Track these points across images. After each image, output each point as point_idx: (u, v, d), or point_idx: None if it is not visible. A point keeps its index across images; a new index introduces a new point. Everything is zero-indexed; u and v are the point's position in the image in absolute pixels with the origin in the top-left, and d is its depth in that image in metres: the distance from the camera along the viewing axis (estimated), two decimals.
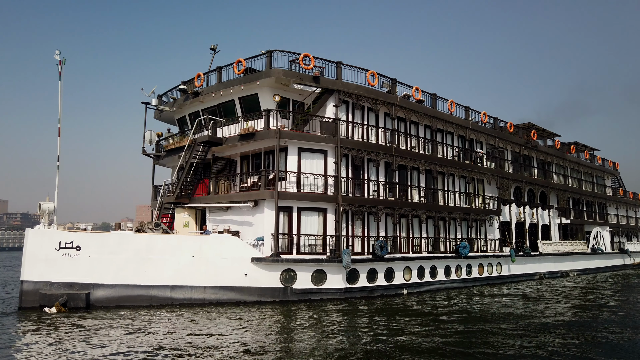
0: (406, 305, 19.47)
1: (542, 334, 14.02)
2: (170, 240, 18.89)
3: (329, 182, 21.52)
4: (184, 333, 13.45)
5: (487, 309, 18.93)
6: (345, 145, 21.97)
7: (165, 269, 18.37)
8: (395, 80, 24.62)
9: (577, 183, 42.99)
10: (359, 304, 19.60)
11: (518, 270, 31.40)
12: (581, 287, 28.43)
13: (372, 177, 23.85)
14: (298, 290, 19.69)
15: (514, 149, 34.21)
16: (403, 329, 14.64)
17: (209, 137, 21.74)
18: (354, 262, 20.96)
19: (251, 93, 22.09)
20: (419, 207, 25.20)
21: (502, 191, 31.82)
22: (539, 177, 37.73)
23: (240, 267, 19.09)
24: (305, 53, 21.08)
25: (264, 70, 21.02)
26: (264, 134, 20.56)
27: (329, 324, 15.33)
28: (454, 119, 28.18)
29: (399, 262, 23.01)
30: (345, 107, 23.01)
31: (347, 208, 21.65)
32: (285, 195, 20.23)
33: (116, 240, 18.36)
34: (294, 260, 19.77)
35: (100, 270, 17.85)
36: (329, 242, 21.05)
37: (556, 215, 39.07)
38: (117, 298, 17.89)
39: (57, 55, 19.05)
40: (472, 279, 27.39)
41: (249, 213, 21.02)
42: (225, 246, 19.17)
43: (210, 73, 23.42)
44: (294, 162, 21.06)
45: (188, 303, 18.34)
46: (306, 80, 21.24)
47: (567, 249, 37.54)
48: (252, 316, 16.31)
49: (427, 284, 24.32)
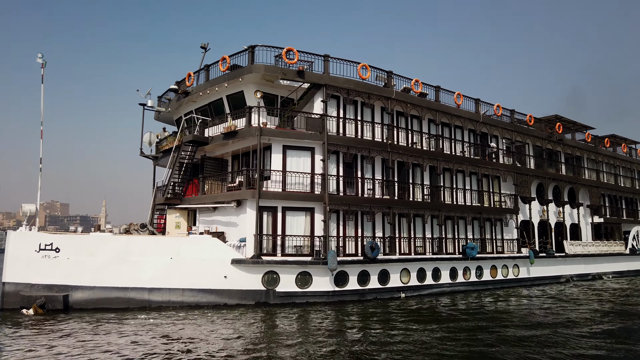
0: (393, 309, 18.35)
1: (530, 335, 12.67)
2: (149, 242, 18.60)
3: (317, 181, 20.66)
4: (150, 337, 13.04)
5: (488, 312, 17.53)
6: (334, 141, 21.03)
7: (143, 271, 18.08)
8: (391, 72, 23.42)
9: (613, 179, 40.00)
10: (348, 307, 18.66)
11: (539, 272, 29.33)
12: (609, 290, 26.17)
13: (368, 175, 22.79)
14: (281, 293, 18.95)
15: (536, 143, 32.06)
16: (385, 333, 13.81)
17: (193, 136, 21.40)
18: (343, 264, 20.02)
19: (237, 91, 21.58)
20: (420, 205, 23.88)
21: (520, 188, 29.84)
22: (568, 173, 35.27)
23: (219, 269, 18.55)
24: (288, 47, 20.32)
25: (246, 66, 20.44)
26: (246, 132, 19.98)
27: (307, 327, 14.68)
28: (461, 112, 26.61)
29: (395, 264, 21.82)
30: (336, 102, 22.07)
31: (337, 207, 20.72)
32: (268, 195, 19.55)
33: (94, 242, 18.26)
34: (277, 262, 19.04)
35: (79, 272, 17.76)
36: (317, 243, 20.19)
37: (588, 213, 36.43)
38: (95, 300, 17.74)
39: (39, 58, 19.17)
40: (484, 281, 25.74)
41: (233, 213, 20.49)
42: (204, 248, 18.69)
43: (199, 72, 23.09)
44: (279, 160, 20.34)
45: (166, 306, 17.96)
46: (290, 75, 20.47)
47: (600, 249, 34.86)
48: (226, 320, 15.74)
49: (429, 287, 22.97)
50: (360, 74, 22.02)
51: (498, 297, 23.05)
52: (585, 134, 37.47)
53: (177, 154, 21.81)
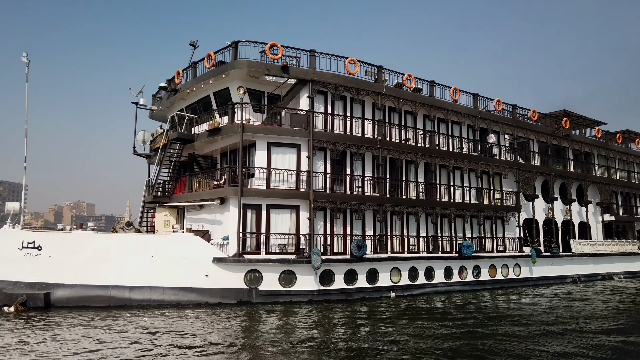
0: (379, 309, 17.87)
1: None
2: (129, 240, 18.50)
3: (302, 178, 20.30)
4: (115, 336, 12.88)
5: (473, 309, 16.92)
6: (321, 138, 20.64)
7: (124, 269, 17.97)
8: (381, 67, 22.88)
9: (626, 175, 38.63)
10: (333, 307, 18.26)
11: (543, 272, 28.41)
12: (614, 290, 25.17)
13: (358, 172, 22.32)
14: (264, 292, 18.64)
15: (540, 139, 31.09)
16: (364, 331, 13.28)
17: (178, 134, 21.27)
18: (329, 263, 19.62)
19: (223, 87, 21.36)
20: (413, 203, 23.31)
21: (523, 185, 28.96)
22: (576, 170, 34.15)
23: (200, 267, 18.33)
24: (272, 42, 20.00)
25: (229, 62, 20.19)
26: (229, 128, 19.73)
27: (286, 326, 14.44)
28: (458, 108, 25.90)
29: (385, 263, 21.31)
30: (323, 98, 21.66)
31: (323, 205, 20.33)
32: (251, 193, 19.27)
33: (76, 240, 18.23)
34: (259, 261, 18.75)
35: (60, 270, 17.73)
36: (302, 242, 19.83)
37: (598, 211, 35.27)
38: (76, 298, 17.68)
39: (24, 57, 19.25)
40: (481, 281, 25.00)
41: (218, 211, 20.27)
42: (185, 246, 18.51)
43: (187, 69, 22.95)
44: (263, 157, 20.04)
45: (147, 304, 17.82)
46: (274, 70, 20.14)
47: (610, 249, 33.66)
48: (203, 319, 15.50)
49: (421, 287, 22.39)
50: (348, 69, 21.56)
51: (494, 296, 22.34)
52: (595, 130, 36.26)
53: (164, 152, 21.68)
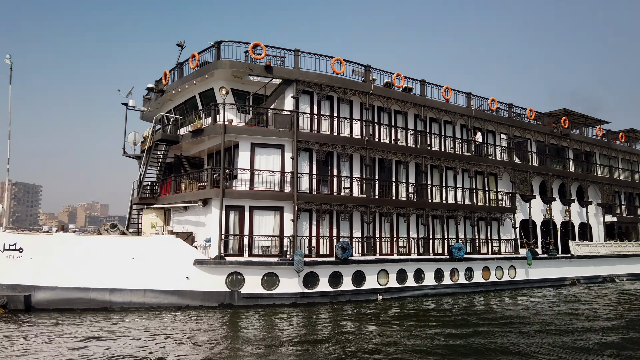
0: (364, 311, 17.56)
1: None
2: (110, 243, 18.39)
3: (286, 179, 20.05)
4: (80, 341, 12.75)
5: (457, 312, 16.55)
6: (306, 138, 20.38)
7: (105, 271, 17.86)
8: (369, 67, 22.56)
9: (629, 175, 37.84)
10: (316, 309, 18.01)
11: (540, 274, 27.86)
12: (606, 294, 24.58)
13: (345, 173, 22.03)
14: (246, 294, 18.42)
15: (538, 139, 30.51)
16: (347, 333, 13.04)
17: (162, 135, 21.16)
18: (313, 265, 19.35)
19: (208, 88, 21.21)
20: (403, 204, 22.95)
21: (519, 186, 28.44)
22: (577, 170, 33.50)
23: (181, 270, 18.17)
24: (255, 42, 19.78)
25: (212, 62, 20.02)
26: (210, 129, 19.56)
27: (267, 329, 14.31)
28: (450, 107, 25.47)
29: (372, 265, 20.98)
30: (309, 98, 21.40)
31: (308, 207, 20.07)
32: (234, 194, 19.07)
33: (57, 242, 18.16)
34: (241, 263, 18.52)
35: (41, 272, 17.67)
36: (286, 244, 19.58)
37: (600, 212, 34.56)
38: (57, 301, 17.60)
39: (7, 59, 19.25)
40: (474, 284, 24.54)
41: (201, 213, 20.11)
42: (165, 248, 18.35)
43: (174, 70, 22.83)
44: (246, 159, 19.83)
45: (127, 307, 17.70)
46: (257, 70, 19.93)
47: (612, 250, 32.95)
48: (182, 322, 15.36)
49: (410, 289, 22.02)
50: (334, 69, 21.28)
51: (486, 298, 21.91)
52: (596, 129, 35.55)
53: (150, 153, 21.58)
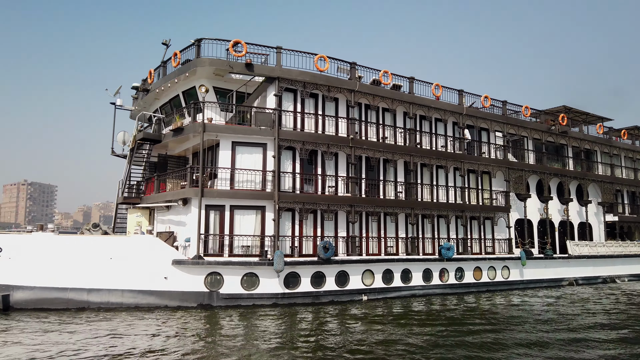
0: (346, 312, 17.25)
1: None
2: (89, 242, 18.30)
3: (268, 178, 19.81)
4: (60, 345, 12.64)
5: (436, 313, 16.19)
6: (288, 137, 20.11)
7: (83, 271, 17.77)
8: (354, 64, 22.20)
9: (633, 174, 36.99)
10: (297, 310, 17.75)
11: (535, 275, 27.29)
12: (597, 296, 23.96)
13: (330, 172, 21.72)
14: (225, 295, 18.21)
15: (535, 136, 29.89)
16: (326, 334, 12.73)
17: (144, 134, 21.06)
18: (294, 265, 19.09)
19: (190, 86, 21.06)
20: (390, 203, 22.58)
21: (514, 184, 27.88)
22: (577, 168, 32.81)
23: (159, 269, 18.01)
24: (236, 39, 19.55)
25: (192, 60, 19.84)
26: (190, 128, 19.38)
27: (244, 330, 14.18)
28: (440, 104, 25.03)
29: (356, 265, 20.65)
30: (293, 96, 21.12)
31: (290, 206, 19.81)
32: (212, 194, 18.88)
33: (36, 241, 18.10)
34: (220, 263, 18.32)
35: (20, 272, 17.63)
36: (268, 243, 19.34)
37: (600, 211, 33.82)
38: (35, 300, 17.55)
39: None
40: (465, 284, 24.07)
41: (182, 212, 19.94)
42: (144, 248, 18.21)
43: (159, 69, 22.72)
44: (227, 157, 19.62)
45: (105, 307, 17.59)
46: (238, 68, 19.70)
47: (613, 250, 32.21)
48: (158, 322, 15.22)
49: (397, 290, 21.64)
50: (318, 66, 20.97)
51: (477, 299, 21.47)
52: (597, 126, 34.79)
53: (133, 152, 21.49)
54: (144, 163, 22.32)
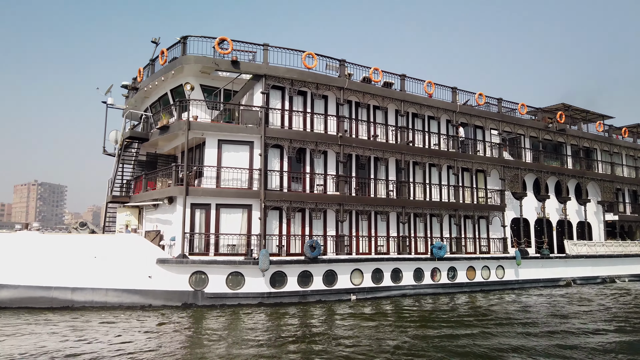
0: (334, 311, 17.04)
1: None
2: (73, 241, 18.23)
3: (255, 177, 19.62)
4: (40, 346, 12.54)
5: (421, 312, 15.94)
6: (275, 135, 19.92)
7: (67, 270, 17.68)
8: (343, 61, 21.95)
9: (634, 172, 36.43)
10: (283, 310, 17.57)
11: (530, 275, 26.91)
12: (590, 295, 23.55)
13: (319, 170, 21.51)
14: (210, 294, 18.06)
15: (531, 134, 29.47)
16: (311, 334, 12.55)
17: (131, 132, 20.97)
18: (280, 264, 18.91)
19: (178, 84, 20.92)
20: (380, 202, 22.33)
21: (510, 183, 27.52)
22: (575, 166, 32.35)
23: (144, 268, 17.89)
24: (222, 37, 19.38)
25: (178, 58, 19.70)
26: (175, 126, 19.26)
27: (227, 330, 14.05)
28: (432, 102, 24.72)
29: (344, 264, 20.42)
30: (280, 93, 20.93)
31: (277, 204, 19.63)
32: (198, 192, 18.73)
33: (20, 240, 18.06)
34: (204, 262, 18.17)
35: (4, 271, 17.59)
36: (254, 242, 19.16)
37: (600, 210, 33.34)
38: (19, 299, 17.48)
39: None
40: (457, 284, 23.77)
41: (168, 211, 19.81)
42: (128, 246, 18.11)
43: (148, 67, 22.61)
44: (213, 155, 19.46)
45: (89, 306, 17.49)
46: (223, 65, 19.53)
47: (612, 250, 31.72)
48: (139, 321, 15.10)
49: (387, 289, 21.39)
50: (306, 63, 20.77)
51: (471, 299, 21.17)
52: (596, 124, 34.28)
53: (121, 151, 21.41)
54: (133, 162, 22.21)
